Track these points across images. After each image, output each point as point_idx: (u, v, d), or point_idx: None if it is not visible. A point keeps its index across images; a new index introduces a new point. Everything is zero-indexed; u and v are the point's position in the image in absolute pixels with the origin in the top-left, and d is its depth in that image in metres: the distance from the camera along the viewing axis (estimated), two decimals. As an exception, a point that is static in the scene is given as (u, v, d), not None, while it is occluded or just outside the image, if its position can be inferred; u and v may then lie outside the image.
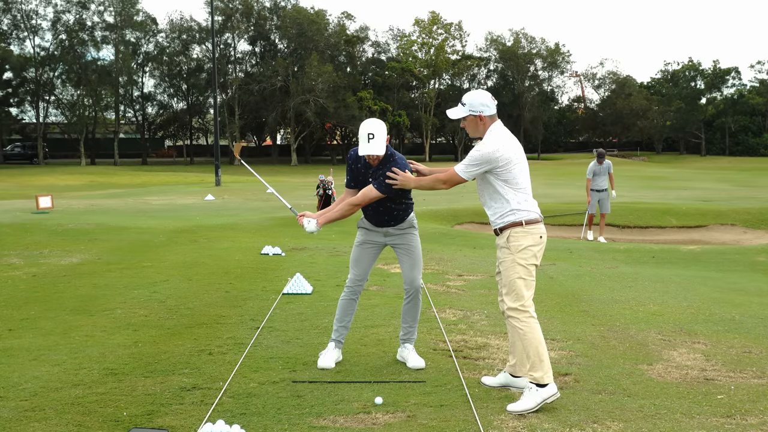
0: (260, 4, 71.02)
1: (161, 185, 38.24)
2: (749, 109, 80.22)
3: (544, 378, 3.99)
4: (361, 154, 4.68)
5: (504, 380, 4.41)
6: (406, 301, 4.99)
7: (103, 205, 20.62)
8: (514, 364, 4.34)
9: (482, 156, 4.12)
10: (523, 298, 4.11)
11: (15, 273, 8.64)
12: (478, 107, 4.18)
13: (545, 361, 4.03)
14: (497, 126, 4.22)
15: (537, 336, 4.08)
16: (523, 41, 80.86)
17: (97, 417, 3.88)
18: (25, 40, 66.80)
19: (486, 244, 12.58)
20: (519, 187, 4.19)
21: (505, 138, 4.20)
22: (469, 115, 4.21)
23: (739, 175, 42.32)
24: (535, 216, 4.19)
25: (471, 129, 4.28)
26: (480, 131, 4.24)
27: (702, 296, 7.50)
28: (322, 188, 16.36)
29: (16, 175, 48.11)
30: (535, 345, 4.05)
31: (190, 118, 74.98)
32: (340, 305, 5.02)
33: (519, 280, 4.13)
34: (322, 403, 4.13)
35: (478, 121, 4.22)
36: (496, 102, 4.27)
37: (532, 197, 4.26)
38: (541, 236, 4.19)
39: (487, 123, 4.22)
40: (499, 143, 4.14)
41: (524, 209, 4.17)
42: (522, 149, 4.31)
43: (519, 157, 4.20)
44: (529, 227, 4.15)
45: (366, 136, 4.61)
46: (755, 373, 4.72)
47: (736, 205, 18.85)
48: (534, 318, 4.12)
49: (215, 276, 8.50)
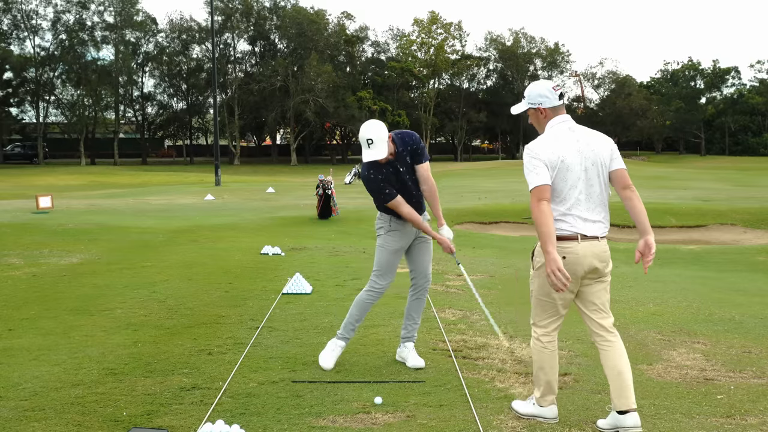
0: (260, 4, 71.05)
1: (161, 185, 38.24)
2: (749, 108, 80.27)
3: (540, 401, 3.84)
4: (365, 161, 4.67)
5: (613, 422, 3.72)
6: (416, 296, 4.97)
7: (103, 205, 20.62)
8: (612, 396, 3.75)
9: (525, 159, 3.67)
10: (533, 316, 3.88)
11: (15, 273, 8.64)
12: (536, 99, 3.76)
13: (543, 387, 3.83)
14: (555, 122, 3.75)
15: (539, 360, 3.83)
16: (522, 41, 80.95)
17: (96, 417, 3.88)
18: (25, 40, 66.92)
19: (486, 244, 12.58)
20: (557, 197, 3.63)
21: (553, 138, 3.68)
22: (530, 109, 3.82)
23: (739, 175, 42.32)
24: (561, 233, 3.61)
25: (536, 124, 3.87)
26: (542, 126, 3.80)
27: (702, 296, 7.50)
28: (321, 188, 16.35)
29: (16, 175, 48.11)
30: (537, 367, 3.86)
31: (189, 118, 75.00)
32: (361, 306, 4.90)
33: (534, 297, 3.87)
34: (321, 403, 4.13)
35: (539, 115, 3.79)
36: (562, 92, 3.79)
37: (580, 211, 3.64)
38: (564, 257, 3.58)
39: (549, 116, 3.76)
40: (538, 143, 3.69)
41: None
42: (587, 152, 3.67)
43: (566, 164, 3.61)
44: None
45: (366, 143, 4.61)
46: (755, 373, 4.72)
47: (736, 205, 18.86)
48: (540, 341, 3.82)
49: (215, 276, 8.50)
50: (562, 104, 3.78)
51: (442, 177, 42.17)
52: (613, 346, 3.71)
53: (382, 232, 4.86)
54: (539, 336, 3.84)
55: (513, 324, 6.09)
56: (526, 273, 4.07)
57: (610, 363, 3.70)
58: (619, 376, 3.66)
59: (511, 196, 22.46)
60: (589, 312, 3.76)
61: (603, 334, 3.73)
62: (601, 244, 3.68)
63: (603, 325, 3.74)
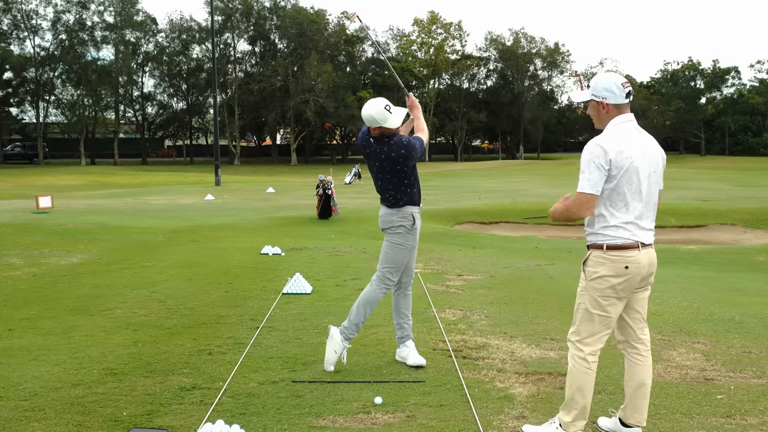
0: (260, 4, 71.04)
1: (161, 185, 38.23)
2: (749, 108, 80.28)
3: (568, 425, 3.53)
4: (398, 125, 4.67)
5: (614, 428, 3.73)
6: (404, 292, 4.96)
7: (103, 205, 20.62)
8: (625, 407, 3.67)
9: (585, 158, 3.43)
10: (580, 332, 3.55)
11: (15, 273, 8.64)
12: (601, 92, 3.50)
13: (577, 411, 3.51)
14: (620, 120, 3.49)
15: (578, 382, 3.50)
16: (522, 41, 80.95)
17: (96, 417, 3.88)
18: (25, 40, 66.89)
19: (486, 244, 12.58)
20: (620, 202, 3.44)
21: (622, 137, 3.45)
22: (591, 100, 3.55)
23: (739, 175, 42.32)
24: (623, 241, 3.43)
25: (594, 117, 3.59)
26: (602, 121, 3.54)
27: (702, 296, 7.50)
28: (321, 188, 16.34)
29: (16, 175, 48.10)
30: (574, 388, 3.51)
31: (189, 118, 75.00)
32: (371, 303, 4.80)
33: (584, 310, 3.53)
34: (321, 403, 4.13)
35: (600, 109, 3.53)
36: (630, 90, 3.51)
37: (640, 219, 3.47)
38: (627, 266, 3.42)
39: (611, 113, 3.50)
40: (607, 140, 3.42)
41: (612, 233, 3.44)
42: (651, 158, 3.50)
43: (634, 166, 3.41)
44: (610, 254, 3.44)
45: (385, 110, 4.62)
46: (755, 373, 4.72)
47: (736, 204, 18.87)
48: (585, 361, 3.50)
49: (215, 276, 8.50)
50: (628, 103, 3.53)
51: (443, 177, 42.18)
52: (646, 363, 3.62)
53: (402, 231, 4.75)
54: (586, 355, 3.52)
55: (513, 324, 6.09)
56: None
57: (638, 378, 3.59)
58: (643, 392, 3.59)
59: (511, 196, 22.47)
60: (630, 321, 3.61)
61: (639, 347, 3.62)
62: (653, 252, 3.57)
63: (641, 338, 3.62)
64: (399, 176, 4.67)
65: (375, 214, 5.05)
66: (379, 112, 4.60)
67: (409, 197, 4.75)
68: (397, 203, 4.75)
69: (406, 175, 4.69)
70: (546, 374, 4.65)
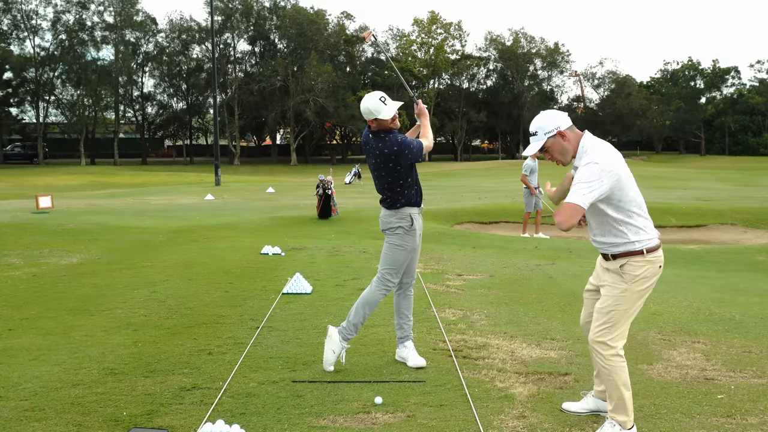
0: (260, 4, 71.06)
1: (161, 185, 38.23)
2: (749, 108, 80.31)
3: (628, 423, 3.59)
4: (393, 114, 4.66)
5: (594, 406, 3.94)
6: (405, 293, 4.96)
7: (103, 205, 20.61)
8: (603, 390, 3.84)
9: (601, 169, 3.40)
10: (614, 332, 3.57)
11: (15, 273, 8.64)
12: (551, 126, 3.54)
13: (629, 405, 3.59)
14: (587, 137, 3.56)
15: (622, 377, 3.57)
16: (522, 41, 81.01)
17: (96, 417, 3.88)
18: (25, 40, 66.95)
19: (486, 244, 12.58)
20: (641, 207, 3.57)
21: (610, 149, 3.54)
22: (548, 140, 3.56)
23: (739, 175, 42.32)
24: (657, 242, 3.58)
25: (560, 154, 3.58)
26: (569, 150, 3.55)
27: (702, 296, 7.50)
28: (321, 188, 16.33)
29: (16, 175, 48.11)
30: (620, 387, 3.57)
31: (189, 117, 75.04)
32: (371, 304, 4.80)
33: (623, 311, 3.55)
34: (321, 402, 4.13)
35: (562, 141, 3.54)
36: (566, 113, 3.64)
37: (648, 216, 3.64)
38: (660, 266, 3.60)
39: (569, 137, 3.54)
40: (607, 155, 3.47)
41: (644, 237, 3.55)
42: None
43: (629, 173, 3.54)
44: (650, 256, 3.56)
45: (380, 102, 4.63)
46: (755, 373, 4.71)
47: (736, 204, 18.87)
48: (620, 357, 3.58)
49: (215, 276, 8.50)
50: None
51: (442, 177, 42.19)
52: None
53: (401, 232, 4.76)
54: (619, 351, 3.59)
55: (513, 324, 6.09)
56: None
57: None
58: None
59: (511, 196, 22.45)
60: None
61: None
62: None
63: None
64: (393, 175, 4.69)
65: (375, 214, 5.06)
66: (374, 104, 4.65)
67: (407, 198, 4.76)
68: (395, 204, 4.76)
69: (401, 174, 4.70)
70: (546, 374, 4.65)
